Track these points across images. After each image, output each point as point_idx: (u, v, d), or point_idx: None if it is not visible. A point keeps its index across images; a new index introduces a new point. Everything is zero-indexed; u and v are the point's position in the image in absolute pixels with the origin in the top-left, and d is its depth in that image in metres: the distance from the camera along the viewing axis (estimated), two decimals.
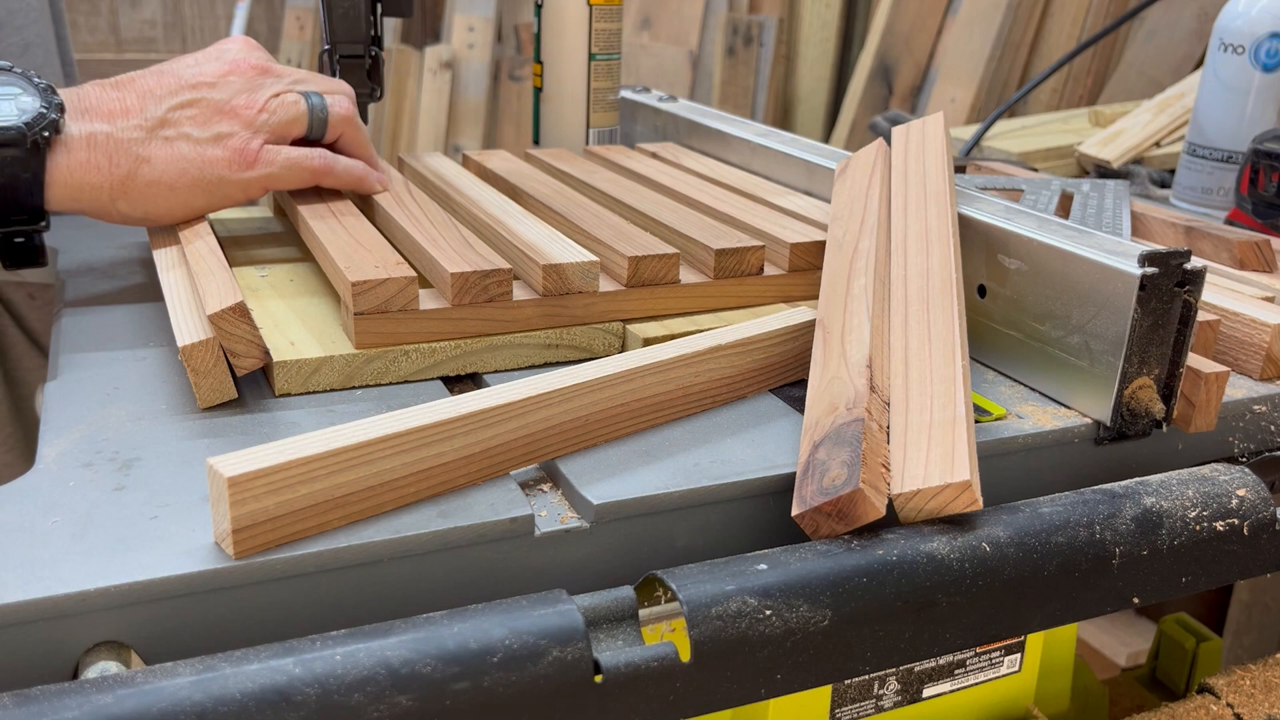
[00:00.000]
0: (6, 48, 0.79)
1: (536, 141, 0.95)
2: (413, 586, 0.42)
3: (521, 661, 0.36)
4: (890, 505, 0.43)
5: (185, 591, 0.38)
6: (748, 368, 0.54)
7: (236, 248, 0.71)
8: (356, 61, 0.78)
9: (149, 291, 0.66)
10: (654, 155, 0.89)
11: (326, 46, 0.77)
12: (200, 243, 0.60)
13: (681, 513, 0.46)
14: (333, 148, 0.67)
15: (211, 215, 0.73)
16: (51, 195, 0.57)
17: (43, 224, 0.58)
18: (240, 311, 0.51)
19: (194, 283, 0.56)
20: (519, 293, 0.57)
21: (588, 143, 0.93)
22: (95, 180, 0.57)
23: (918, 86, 1.95)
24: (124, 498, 0.43)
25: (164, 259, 0.62)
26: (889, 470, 0.44)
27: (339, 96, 0.66)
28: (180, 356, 0.50)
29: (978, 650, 0.56)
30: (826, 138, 2.11)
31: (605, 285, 0.60)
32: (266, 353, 0.52)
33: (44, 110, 0.55)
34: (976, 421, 0.51)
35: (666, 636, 0.39)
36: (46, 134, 0.55)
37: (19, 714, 0.31)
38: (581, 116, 0.92)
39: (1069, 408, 0.54)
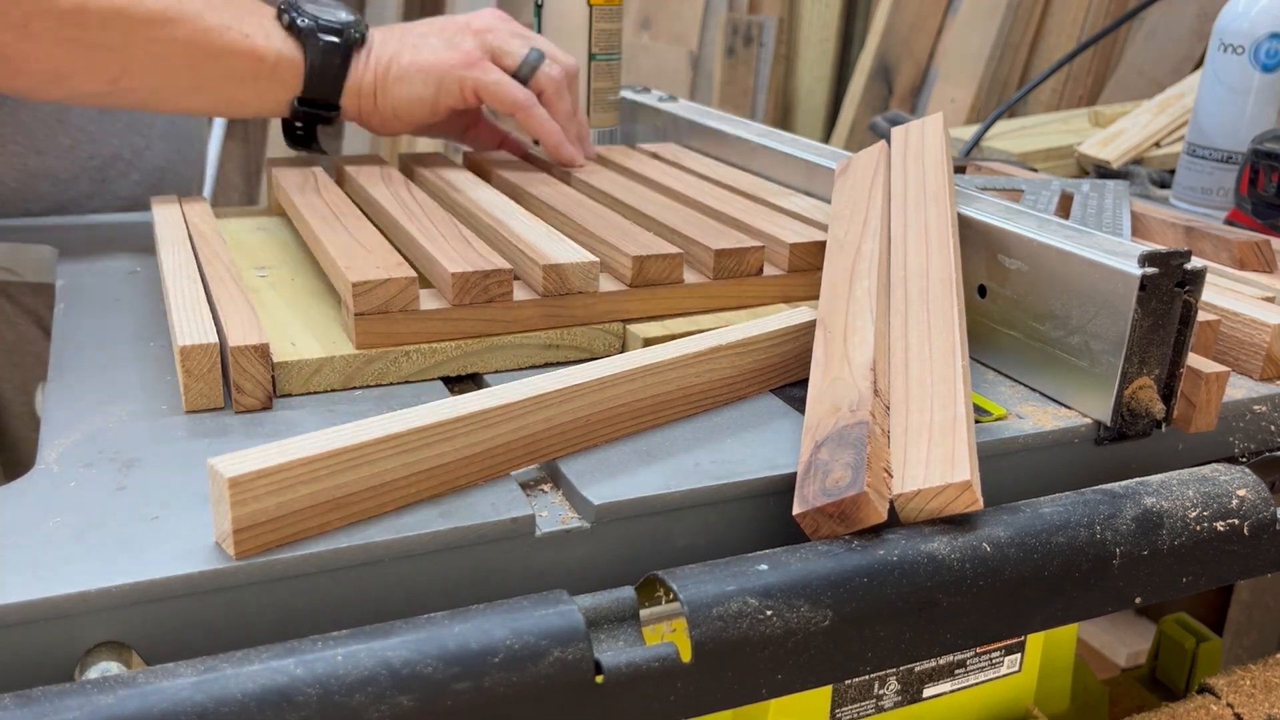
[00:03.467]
0: None
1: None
2: (414, 587, 0.42)
3: (522, 662, 0.36)
4: (890, 506, 0.43)
5: (186, 592, 0.38)
6: (748, 368, 0.54)
7: (238, 247, 0.71)
8: None
9: (149, 292, 0.66)
10: (654, 155, 0.89)
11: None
12: (219, 264, 0.61)
13: (682, 513, 0.46)
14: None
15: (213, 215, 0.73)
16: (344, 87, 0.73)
17: (333, 113, 0.74)
18: (262, 354, 0.50)
19: (208, 296, 0.56)
20: (519, 293, 0.57)
21: None
22: (367, 77, 0.73)
23: (918, 86, 1.95)
24: (125, 498, 0.43)
25: (170, 262, 0.62)
26: (890, 474, 0.44)
27: (557, 64, 0.78)
28: (176, 356, 0.50)
29: (978, 650, 0.56)
30: (826, 138, 2.11)
31: (607, 285, 0.60)
32: (270, 398, 0.52)
33: (356, 19, 0.73)
34: (977, 421, 0.51)
35: (667, 637, 0.39)
36: (357, 35, 0.73)
37: (20, 714, 0.31)
38: (582, 116, 0.92)
39: (1069, 408, 0.54)
